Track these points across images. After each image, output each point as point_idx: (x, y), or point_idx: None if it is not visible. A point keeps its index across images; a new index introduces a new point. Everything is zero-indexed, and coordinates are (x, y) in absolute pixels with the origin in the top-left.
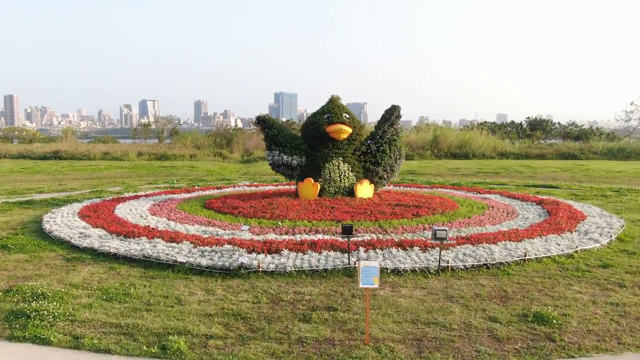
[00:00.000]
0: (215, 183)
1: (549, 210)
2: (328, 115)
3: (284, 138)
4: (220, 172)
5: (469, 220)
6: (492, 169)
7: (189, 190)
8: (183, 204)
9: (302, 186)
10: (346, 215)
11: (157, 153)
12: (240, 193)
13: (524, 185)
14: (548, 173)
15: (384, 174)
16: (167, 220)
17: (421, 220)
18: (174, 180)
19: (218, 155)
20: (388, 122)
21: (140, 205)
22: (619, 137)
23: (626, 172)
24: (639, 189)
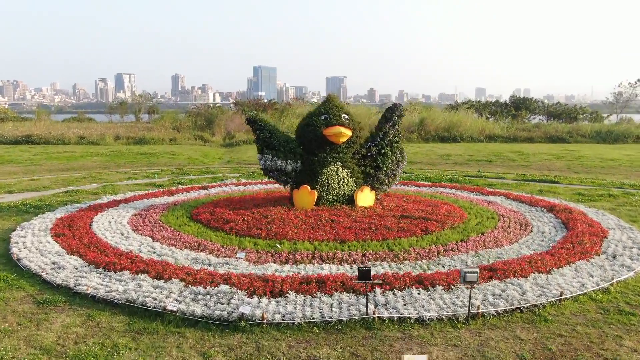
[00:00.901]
0: (199, 178)
1: (564, 222)
2: (325, 116)
3: (277, 141)
4: (202, 159)
5: (484, 237)
6: (483, 156)
7: (172, 191)
8: (167, 213)
9: (298, 194)
10: (349, 232)
11: (135, 137)
12: (229, 197)
13: (522, 178)
14: (541, 161)
15: (385, 179)
16: (151, 241)
17: (432, 239)
18: (155, 174)
19: (199, 138)
20: (390, 123)
21: (120, 215)
22: (602, 115)
23: (620, 161)
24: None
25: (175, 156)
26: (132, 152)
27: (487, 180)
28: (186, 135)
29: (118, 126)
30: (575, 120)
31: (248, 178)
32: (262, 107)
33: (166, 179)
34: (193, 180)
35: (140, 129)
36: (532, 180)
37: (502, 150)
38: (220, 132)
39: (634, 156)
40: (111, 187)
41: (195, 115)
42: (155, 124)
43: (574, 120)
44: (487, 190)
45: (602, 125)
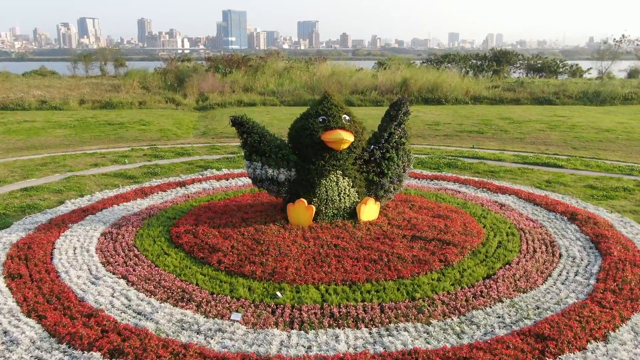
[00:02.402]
0: (174, 165)
1: (592, 239)
2: (323, 118)
3: (267, 146)
4: (175, 130)
5: (512, 270)
6: (473, 125)
7: (145, 191)
8: (142, 231)
9: (293, 210)
10: (358, 265)
11: (101, 100)
12: (211, 201)
13: (523, 161)
14: (535, 133)
15: (390, 186)
16: (125, 286)
17: (455, 276)
18: (125, 157)
19: (170, 101)
20: (395, 121)
21: (87, 235)
22: (582, 69)
23: (616, 132)
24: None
25: (146, 127)
26: (98, 121)
27: (487, 165)
28: (156, 97)
29: (83, 84)
30: (556, 74)
31: (228, 164)
32: (235, 64)
33: (138, 165)
34: (168, 168)
35: (106, 87)
36: (534, 163)
37: (491, 117)
38: (193, 94)
39: (627, 124)
40: (76, 182)
41: (164, 72)
42: (123, 82)
43: (554, 74)
44: (494, 185)
45: (587, 85)
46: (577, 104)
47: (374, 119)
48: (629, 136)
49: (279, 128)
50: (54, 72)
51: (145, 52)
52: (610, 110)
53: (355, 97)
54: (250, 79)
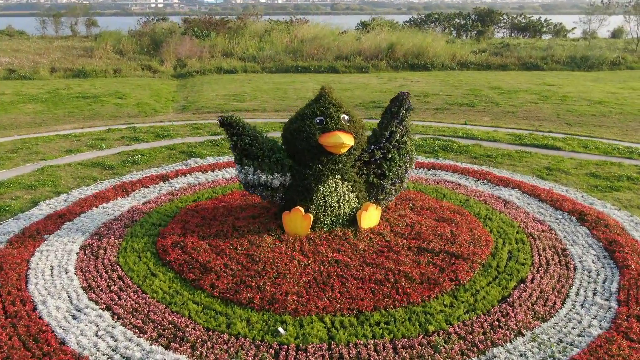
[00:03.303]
0: (155, 150)
1: (606, 246)
2: (320, 118)
3: (259, 149)
4: (153, 105)
5: (528, 290)
6: (462, 96)
7: (126, 187)
8: (126, 244)
9: (290, 219)
10: (364, 287)
11: (73, 69)
12: (198, 203)
13: (520, 142)
14: (527, 106)
15: (391, 188)
16: (110, 320)
17: (468, 300)
18: (102, 141)
19: (147, 68)
20: (396, 118)
21: (65, 250)
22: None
23: (609, 104)
24: None
25: (122, 101)
26: (71, 94)
27: (483, 148)
28: (132, 65)
29: (54, 47)
30: (540, 33)
31: (212, 150)
32: (213, 26)
33: (116, 151)
34: (148, 155)
35: (78, 52)
36: (531, 145)
37: (480, 86)
38: (170, 60)
39: (618, 95)
40: (50, 174)
41: (139, 35)
42: (96, 46)
43: (538, 34)
44: (494, 177)
45: (575, 49)
46: (565, 69)
47: (361, 88)
48: (622, 109)
49: (262, 101)
50: (22, 32)
51: (117, 6)
52: (599, 77)
53: (339, 63)
54: (229, 42)
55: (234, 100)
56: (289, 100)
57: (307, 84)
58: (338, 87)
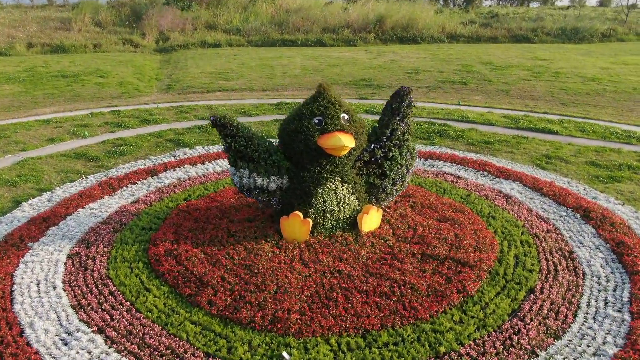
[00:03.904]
0: (140, 138)
1: (613, 248)
2: (319, 119)
3: (255, 151)
4: (136, 84)
5: (538, 302)
6: (454, 72)
7: (112, 185)
8: (116, 255)
9: (288, 225)
10: (369, 302)
11: (51, 44)
12: (190, 208)
13: (516, 126)
14: (520, 83)
15: (392, 188)
16: (103, 345)
17: (477, 314)
18: (84, 128)
19: (128, 42)
20: (397, 115)
21: (52, 260)
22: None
23: (602, 81)
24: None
25: (104, 80)
26: (50, 72)
27: (479, 132)
28: (112, 38)
29: (29, 19)
30: (528, 1)
31: (201, 137)
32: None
33: (100, 139)
34: (134, 144)
35: (55, 24)
36: (527, 129)
37: (471, 61)
38: (152, 33)
39: (611, 71)
40: (31, 168)
41: (119, 5)
42: (74, 17)
43: (526, 2)
44: (494, 167)
45: (565, 21)
46: (555, 41)
47: (350, 64)
48: (616, 87)
49: (249, 79)
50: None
51: None
52: (590, 50)
53: (327, 36)
54: (212, 14)
55: (220, 78)
56: (277, 79)
57: (294, 59)
58: (326, 62)
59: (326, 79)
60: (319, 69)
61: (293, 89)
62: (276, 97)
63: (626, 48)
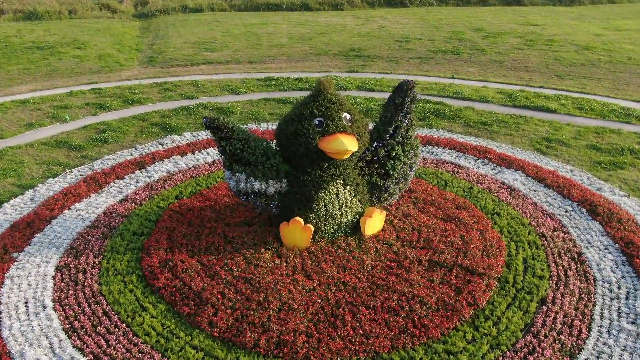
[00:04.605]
0: (124, 123)
1: (622, 249)
2: (320, 120)
3: (252, 154)
4: (116, 56)
5: (551, 314)
6: (446, 41)
7: (98, 180)
8: (108, 266)
9: (288, 231)
10: (376, 317)
11: (24, 10)
12: (183, 208)
13: (512, 103)
14: (513, 54)
15: (395, 188)
16: None
17: (491, 330)
18: (65, 111)
19: (105, 8)
20: (401, 111)
21: (39, 274)
22: None
23: (596, 50)
24: None
25: (82, 52)
26: (24, 43)
27: (476, 112)
28: (88, 3)
29: None
30: None
31: (188, 120)
32: None
33: (81, 124)
34: (118, 130)
35: None
36: (524, 107)
37: (462, 27)
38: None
39: (604, 38)
40: (11, 159)
41: None
42: None
43: None
44: (494, 154)
45: None
46: (546, 4)
47: (338, 31)
48: (611, 57)
49: (234, 50)
50: None
51: None
52: (582, 14)
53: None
54: None
55: (204, 49)
56: (263, 49)
57: (280, 26)
58: (313, 30)
59: (314, 48)
60: (306, 37)
61: (280, 61)
62: (264, 71)
63: (618, 11)
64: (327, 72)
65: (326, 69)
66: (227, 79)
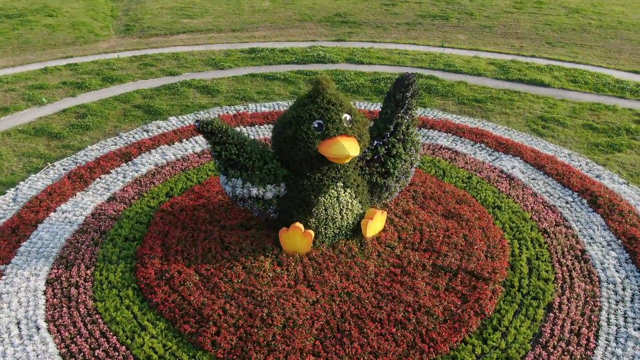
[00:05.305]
0: (105, 106)
1: (625, 245)
2: (319, 122)
3: (248, 159)
4: (91, 25)
5: (558, 321)
6: (433, 4)
7: (83, 176)
8: (101, 278)
9: (288, 237)
10: (382, 331)
11: None
12: (175, 209)
13: (502, 71)
14: (503, 18)
15: (395, 186)
16: None
17: (499, 342)
18: (42, 94)
19: None
20: (402, 108)
21: (31, 290)
22: None
23: (586, 13)
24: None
25: (54, 21)
26: None
27: (469, 87)
28: None
29: None
30: None
31: (172, 102)
32: None
33: (60, 107)
34: (99, 115)
35: None
36: (518, 81)
37: None
38: None
39: (594, 1)
40: None
41: None
42: None
43: None
44: (491, 137)
45: None
46: None
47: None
48: (601, 21)
49: (215, 16)
50: None
51: None
52: None
53: None
54: None
55: (183, 15)
56: (245, 15)
57: None
58: None
59: (299, 14)
60: (289, 0)
61: (264, 29)
62: (247, 40)
63: None
64: (314, 42)
65: (312, 37)
66: (209, 51)
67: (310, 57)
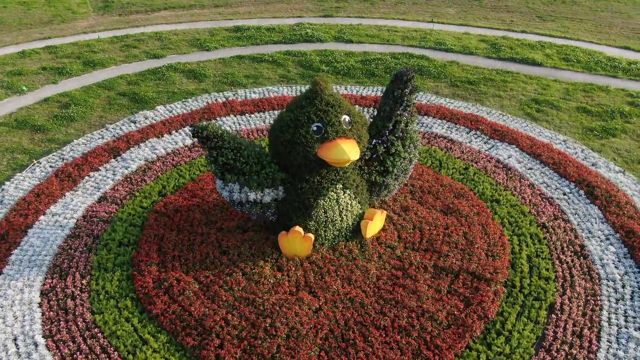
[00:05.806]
0: (88, 94)
1: (624, 240)
2: (318, 125)
3: (245, 164)
4: (66, 2)
5: (561, 324)
6: None
7: (71, 175)
8: (98, 288)
9: (287, 241)
10: (387, 339)
11: None
12: (169, 209)
13: (493, 49)
14: None
15: (394, 184)
16: None
17: (502, 346)
18: (21, 81)
19: None
20: (400, 105)
21: (25, 302)
22: None
23: None
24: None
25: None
26: None
27: (461, 67)
28: None
29: None
30: None
31: (158, 88)
32: None
33: (42, 95)
34: (84, 104)
35: None
36: (511, 60)
37: None
38: None
39: None
40: None
41: None
42: None
43: None
44: (486, 124)
45: None
46: None
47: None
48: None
49: None
50: None
51: None
52: None
53: None
54: None
55: None
56: None
57: None
58: None
59: None
60: None
61: (248, 4)
62: (232, 17)
63: None
64: (300, 18)
65: (298, 13)
66: (193, 29)
67: (297, 35)
